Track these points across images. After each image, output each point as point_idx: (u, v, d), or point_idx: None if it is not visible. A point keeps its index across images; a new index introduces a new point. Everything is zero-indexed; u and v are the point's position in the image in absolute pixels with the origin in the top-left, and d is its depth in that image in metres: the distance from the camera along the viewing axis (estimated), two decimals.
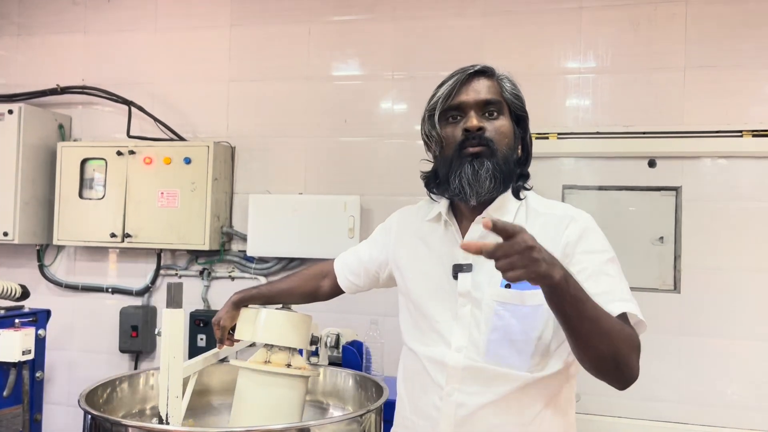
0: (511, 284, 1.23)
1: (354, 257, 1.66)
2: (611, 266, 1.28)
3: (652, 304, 2.55)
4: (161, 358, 1.51)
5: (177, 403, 1.49)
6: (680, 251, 2.54)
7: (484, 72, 1.35)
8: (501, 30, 2.76)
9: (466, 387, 1.29)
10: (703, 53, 2.55)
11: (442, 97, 1.32)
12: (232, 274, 2.97)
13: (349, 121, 2.90)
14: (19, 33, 3.30)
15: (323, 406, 1.77)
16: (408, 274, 1.44)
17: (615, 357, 1.13)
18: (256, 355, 1.65)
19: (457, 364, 1.29)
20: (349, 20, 2.93)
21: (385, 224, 1.61)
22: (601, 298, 1.16)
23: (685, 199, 2.54)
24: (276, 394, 1.58)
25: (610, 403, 2.54)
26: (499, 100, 1.33)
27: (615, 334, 1.13)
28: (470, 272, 1.31)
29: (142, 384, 1.64)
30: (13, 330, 2.24)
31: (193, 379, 1.66)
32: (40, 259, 3.17)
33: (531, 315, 1.25)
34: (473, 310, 1.30)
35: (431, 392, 1.34)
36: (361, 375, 1.72)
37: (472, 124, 1.29)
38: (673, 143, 2.53)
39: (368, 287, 1.66)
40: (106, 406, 1.49)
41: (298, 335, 1.63)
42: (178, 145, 2.93)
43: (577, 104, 2.67)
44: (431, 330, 1.35)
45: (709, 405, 2.49)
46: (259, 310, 1.65)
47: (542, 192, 2.60)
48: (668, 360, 2.53)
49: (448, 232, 1.39)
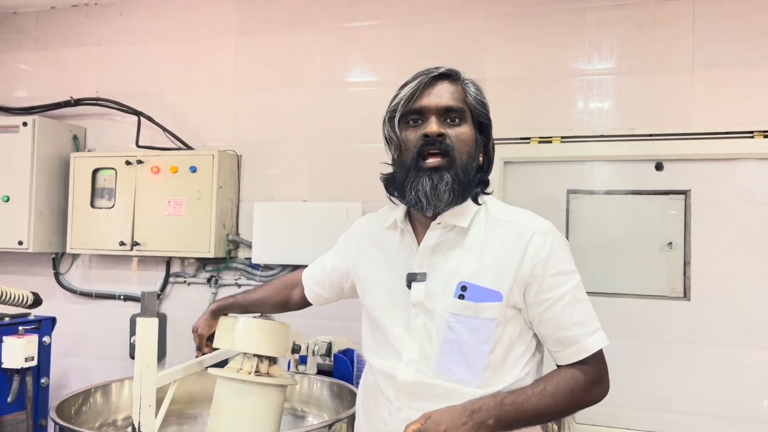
0: (465, 296, 1.20)
1: (319, 268, 1.64)
2: (580, 288, 1.29)
3: (661, 312, 2.47)
4: (135, 367, 1.52)
5: (150, 412, 1.49)
6: (690, 257, 2.45)
7: (449, 75, 1.32)
8: (503, 33, 2.72)
9: (414, 403, 1.26)
10: (711, 52, 2.46)
11: (404, 99, 1.29)
12: (239, 282, 2.99)
13: (353, 128, 2.89)
14: (37, 47, 3.40)
15: (299, 414, 1.76)
16: (366, 283, 1.42)
17: (575, 411, 1.28)
18: (233, 363, 1.65)
19: (406, 378, 1.26)
20: (352, 27, 2.93)
21: (348, 233, 1.59)
22: (579, 330, 1.24)
23: (694, 203, 2.45)
24: (251, 403, 1.58)
25: (616, 414, 2.46)
26: (461, 107, 1.29)
27: (565, 406, 1.24)
28: (424, 281, 1.27)
29: (116, 394, 1.65)
30: (16, 337, 2.29)
31: (173, 388, 1.67)
32: (55, 267, 3.25)
33: (484, 328, 1.21)
34: (426, 321, 1.26)
35: (382, 407, 1.31)
36: (337, 383, 1.71)
37: (432, 130, 1.25)
38: (681, 145, 2.45)
39: (335, 298, 1.64)
40: (77, 417, 1.50)
41: (274, 344, 1.63)
42: (184, 154, 2.97)
43: (581, 107, 2.61)
44: (385, 342, 1.32)
45: (720, 417, 2.39)
46: (236, 319, 1.65)
47: (548, 197, 2.59)
48: (678, 370, 2.44)
49: (405, 239, 1.35)
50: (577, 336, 1.23)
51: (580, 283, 1.28)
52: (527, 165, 2.64)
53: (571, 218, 2.59)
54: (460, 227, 1.29)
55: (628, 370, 2.46)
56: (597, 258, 2.55)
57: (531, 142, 2.60)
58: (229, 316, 1.67)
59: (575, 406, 1.26)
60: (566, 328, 1.23)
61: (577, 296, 1.26)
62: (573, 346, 1.24)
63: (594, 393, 1.25)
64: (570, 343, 1.24)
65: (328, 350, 2.13)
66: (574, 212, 2.59)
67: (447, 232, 1.30)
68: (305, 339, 2.15)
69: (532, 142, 2.60)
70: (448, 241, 1.29)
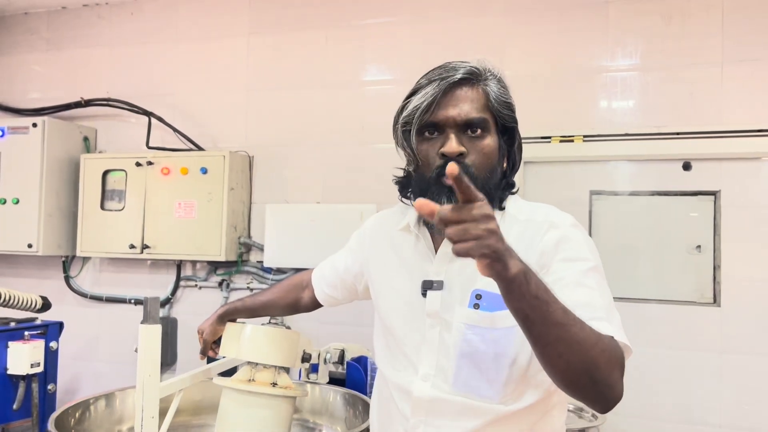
0: (480, 304, 1.10)
1: (330, 267, 1.55)
2: (592, 276, 1.09)
3: (690, 319, 2.36)
4: (137, 377, 1.45)
5: (153, 424, 1.42)
6: (720, 261, 2.34)
7: (468, 79, 1.16)
8: (523, 28, 2.62)
9: (432, 420, 1.16)
10: (741, 46, 2.35)
11: (420, 110, 1.15)
12: (251, 285, 2.92)
13: (367, 128, 2.82)
14: (48, 48, 3.36)
15: (310, 425, 1.67)
16: (378, 287, 1.32)
17: (590, 371, 0.94)
18: (240, 373, 1.57)
19: (423, 394, 1.16)
20: (365, 25, 2.86)
21: (360, 230, 1.50)
22: (577, 312, 0.97)
23: (724, 204, 2.34)
24: (259, 415, 1.50)
25: (644, 426, 2.36)
26: (483, 117, 1.15)
27: (589, 345, 0.94)
28: (440, 290, 1.17)
29: (120, 403, 1.58)
30: (22, 342, 2.23)
31: (178, 398, 1.60)
32: (65, 270, 3.20)
33: (503, 339, 1.10)
34: (442, 333, 1.16)
35: (396, 423, 1.22)
36: (351, 393, 1.62)
37: (452, 149, 1.13)
38: (710, 144, 2.34)
39: (348, 299, 1.55)
40: (78, 427, 1.43)
41: (283, 353, 1.55)
42: (195, 155, 2.91)
43: (605, 104, 2.50)
44: (400, 353, 1.22)
45: (752, 429, 2.27)
46: (243, 326, 1.57)
47: (570, 198, 2.49)
48: (708, 380, 2.33)
49: (419, 243, 1.25)
50: None
51: (594, 273, 1.10)
52: (548, 165, 2.55)
53: (594, 220, 2.48)
54: None
55: (654, 380, 2.35)
56: (621, 262, 2.45)
57: (552, 141, 2.50)
58: (236, 322, 1.60)
59: (595, 356, 0.94)
60: None
61: (585, 282, 1.08)
62: None
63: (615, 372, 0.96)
64: None
65: (340, 358, 2.05)
66: (597, 214, 2.49)
67: None
68: (317, 346, 2.07)
69: (554, 141, 2.50)
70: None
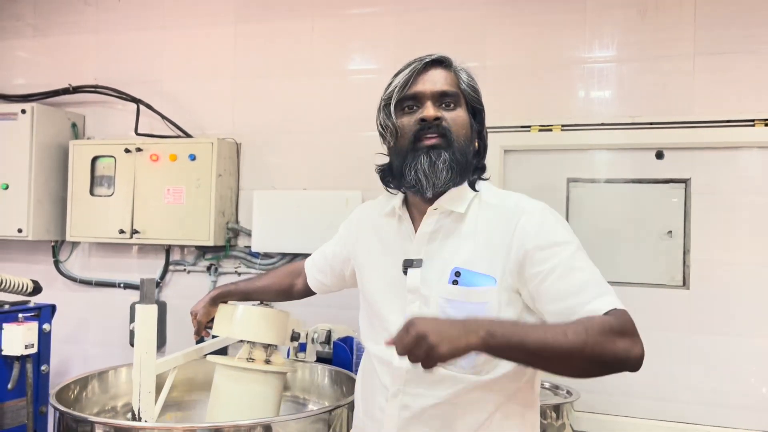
0: (459, 281, 1.19)
1: (321, 254, 1.65)
2: (579, 257, 1.21)
3: (661, 301, 2.46)
4: (134, 354, 1.52)
5: (149, 398, 1.50)
6: (689, 246, 2.45)
7: (441, 62, 1.33)
8: (503, 20, 2.70)
9: (410, 389, 1.26)
10: (713, 39, 2.44)
11: (398, 86, 1.30)
12: (239, 270, 2.99)
13: (353, 116, 2.88)
14: (35, 35, 3.38)
15: (300, 401, 1.76)
16: (363, 270, 1.43)
17: (595, 362, 1.06)
18: (240, 352, 1.65)
19: (402, 364, 1.26)
20: (352, 14, 2.91)
21: (348, 219, 1.59)
22: (578, 298, 1.12)
23: (695, 191, 2.45)
24: (250, 390, 1.59)
25: (616, 402, 2.47)
26: (455, 91, 1.31)
27: (580, 345, 1.03)
28: (420, 268, 1.28)
29: (116, 380, 1.66)
30: (16, 324, 2.29)
31: (172, 375, 1.67)
32: (55, 255, 3.25)
33: (476, 312, 1.20)
34: (422, 308, 1.27)
35: (378, 393, 1.31)
36: (337, 370, 1.71)
37: (429, 114, 1.26)
38: (682, 134, 2.44)
39: (337, 286, 1.65)
40: (77, 403, 1.50)
41: (273, 331, 1.63)
42: (183, 141, 2.96)
43: (583, 95, 2.59)
44: (382, 328, 1.32)
45: (720, 405, 2.39)
46: (235, 307, 1.66)
47: (548, 185, 2.58)
48: (677, 359, 2.44)
49: (402, 226, 1.36)
50: (574, 305, 1.13)
51: (577, 252, 1.21)
52: (527, 153, 2.63)
53: (571, 207, 2.58)
54: (456, 213, 1.29)
55: None
56: (597, 247, 2.53)
57: (531, 130, 2.59)
58: (228, 304, 1.67)
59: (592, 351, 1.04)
60: (562, 299, 1.15)
61: (573, 264, 1.18)
62: (573, 316, 1.12)
63: (619, 344, 1.05)
64: (570, 314, 1.12)
65: (327, 338, 2.14)
66: (574, 201, 2.58)
67: (444, 218, 1.31)
68: (305, 327, 2.15)
69: (533, 130, 2.59)
70: (444, 228, 1.30)
